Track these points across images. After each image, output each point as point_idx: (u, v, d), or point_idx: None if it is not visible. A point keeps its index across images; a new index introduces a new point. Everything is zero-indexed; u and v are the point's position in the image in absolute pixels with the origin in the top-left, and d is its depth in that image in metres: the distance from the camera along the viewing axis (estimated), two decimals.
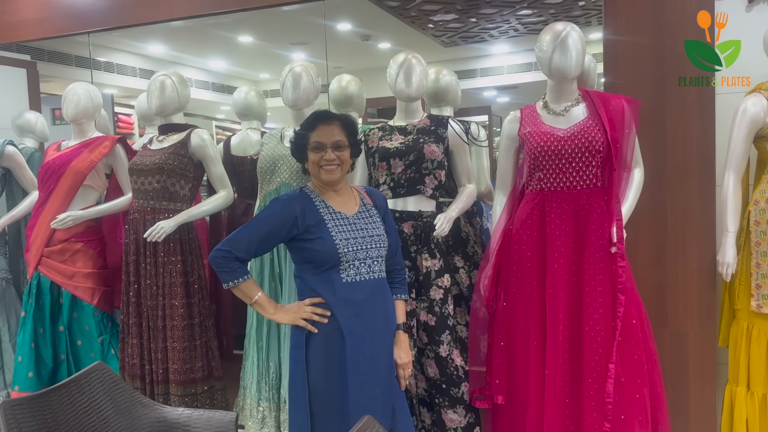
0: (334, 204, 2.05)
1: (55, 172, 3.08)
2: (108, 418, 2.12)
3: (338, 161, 2.00)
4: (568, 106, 2.34)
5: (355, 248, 2.00)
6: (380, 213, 2.11)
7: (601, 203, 2.26)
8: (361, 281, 2.01)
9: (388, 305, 2.09)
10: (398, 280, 2.16)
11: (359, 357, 1.98)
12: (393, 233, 2.14)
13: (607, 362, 2.19)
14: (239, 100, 3.62)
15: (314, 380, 1.99)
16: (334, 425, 1.98)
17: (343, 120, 2.05)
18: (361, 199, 2.11)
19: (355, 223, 2.03)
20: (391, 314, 2.10)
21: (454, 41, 5.05)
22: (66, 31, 3.83)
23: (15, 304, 3.42)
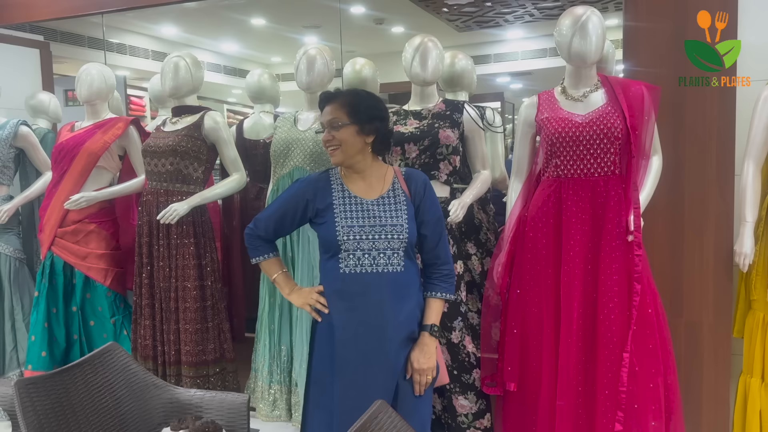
0: (355, 188, 1.93)
1: (68, 153, 3.08)
2: (121, 398, 2.13)
3: (336, 142, 1.87)
4: (586, 92, 2.31)
5: (359, 237, 1.88)
6: (415, 200, 1.92)
7: (619, 191, 2.23)
8: (360, 273, 1.88)
9: (391, 302, 1.89)
10: (437, 276, 1.94)
11: (349, 353, 1.88)
12: (432, 223, 1.93)
13: (621, 351, 2.17)
14: (252, 83, 3.61)
15: (315, 368, 1.97)
16: (324, 417, 1.93)
17: (343, 96, 1.91)
18: (394, 183, 1.94)
19: (371, 209, 1.91)
20: (396, 313, 1.89)
21: (469, 26, 5.01)
22: (79, 11, 3.83)
23: (28, 284, 3.44)
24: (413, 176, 1.96)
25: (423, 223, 1.92)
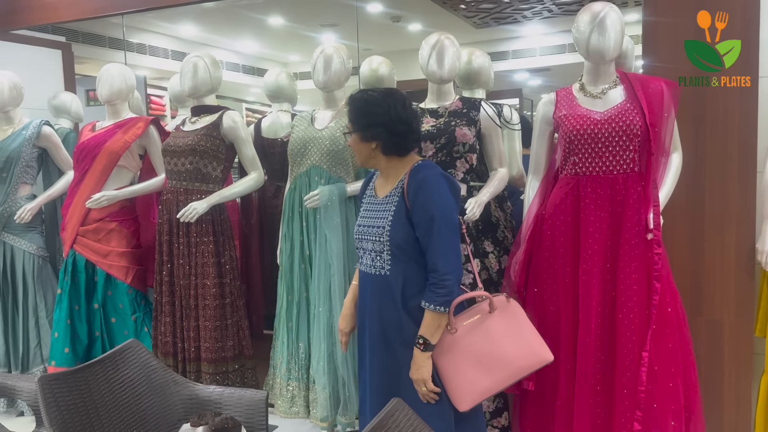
0: (377, 186, 2.00)
1: (90, 153, 3.12)
2: (141, 394, 2.16)
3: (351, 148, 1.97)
4: (605, 89, 2.29)
5: (360, 237, 1.96)
6: (409, 199, 1.85)
7: (638, 188, 2.21)
8: (364, 272, 1.96)
9: (371, 304, 1.92)
10: (428, 284, 1.84)
11: (359, 343, 2.02)
12: (421, 225, 1.82)
13: (640, 350, 2.16)
14: (270, 82, 3.62)
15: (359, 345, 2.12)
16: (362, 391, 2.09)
17: (349, 104, 1.95)
18: (401, 181, 1.90)
19: (374, 209, 1.94)
20: (372, 315, 1.91)
21: (486, 22, 4.98)
22: (100, 12, 3.87)
23: (51, 282, 3.49)
24: (414, 173, 1.88)
25: (415, 225, 1.84)
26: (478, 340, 1.88)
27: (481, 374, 1.85)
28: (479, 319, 1.90)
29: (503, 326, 1.91)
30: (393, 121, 1.88)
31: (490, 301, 1.91)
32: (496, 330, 1.90)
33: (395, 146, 1.92)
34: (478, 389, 1.86)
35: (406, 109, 1.90)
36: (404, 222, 1.85)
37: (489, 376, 1.86)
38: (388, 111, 1.88)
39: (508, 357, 1.88)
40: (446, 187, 1.86)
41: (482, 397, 1.87)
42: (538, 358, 1.92)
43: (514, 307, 1.96)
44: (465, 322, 1.90)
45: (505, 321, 1.92)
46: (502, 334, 1.90)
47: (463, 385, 1.85)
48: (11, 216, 3.38)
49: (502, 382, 1.89)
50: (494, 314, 1.92)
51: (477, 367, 1.86)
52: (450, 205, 1.84)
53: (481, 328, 1.89)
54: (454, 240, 1.83)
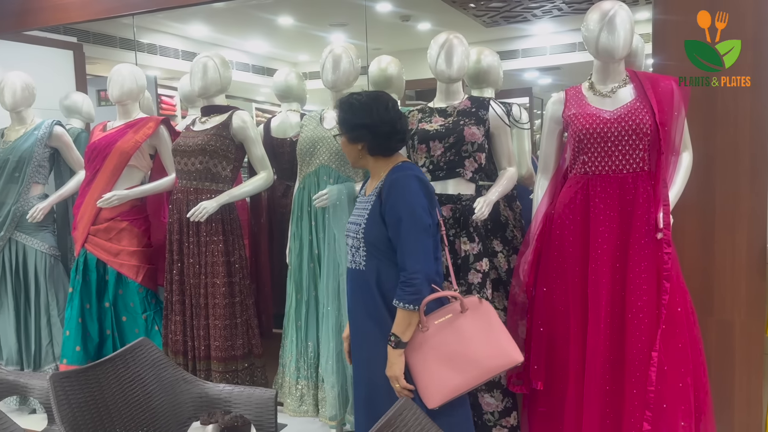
0: (367, 184, 2.11)
1: (101, 152, 3.14)
2: (152, 392, 2.18)
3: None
4: (615, 88, 2.28)
5: (346, 233, 2.06)
6: (382, 198, 1.91)
7: (648, 188, 2.20)
8: (347, 268, 2.06)
9: (351, 298, 2.02)
10: (399, 282, 1.87)
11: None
12: (391, 225, 1.87)
13: (650, 350, 2.15)
14: (279, 82, 3.63)
15: None
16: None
17: (338, 108, 2.04)
18: (382, 180, 1.96)
19: (359, 206, 2.04)
20: (352, 308, 2.01)
21: (496, 21, 4.97)
22: (111, 13, 3.89)
23: (63, 281, 3.52)
24: (390, 174, 1.94)
25: (387, 225, 1.90)
26: (449, 338, 1.90)
27: (451, 372, 1.87)
28: (451, 318, 1.92)
29: (474, 326, 1.92)
30: (376, 123, 1.94)
31: (461, 302, 1.93)
32: (467, 329, 1.91)
33: (379, 147, 1.98)
34: (447, 387, 1.87)
35: (389, 111, 1.97)
36: (378, 220, 1.91)
37: (459, 375, 1.88)
38: (371, 114, 1.95)
39: (478, 356, 1.90)
40: (417, 187, 1.89)
41: (451, 395, 1.88)
42: (508, 359, 1.93)
43: (486, 308, 1.97)
44: (436, 321, 1.91)
45: (477, 321, 1.93)
46: (473, 334, 1.91)
47: (433, 383, 1.87)
48: (23, 215, 3.41)
49: (472, 381, 1.90)
50: (466, 314, 1.93)
51: (447, 365, 1.88)
52: (419, 206, 1.87)
53: (452, 327, 1.91)
54: (423, 240, 1.86)
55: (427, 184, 1.94)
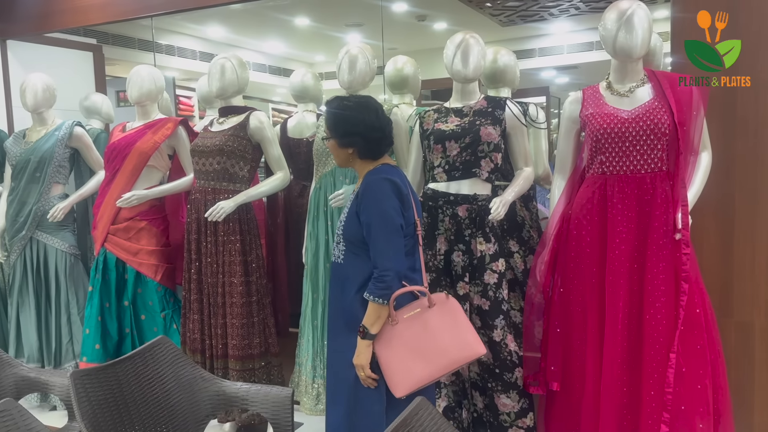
0: (356, 185, 2.15)
1: (120, 153, 3.17)
2: (170, 390, 2.20)
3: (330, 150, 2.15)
4: (632, 87, 2.27)
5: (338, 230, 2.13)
6: (359, 199, 2.02)
7: (666, 188, 2.18)
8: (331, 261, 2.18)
9: (332, 289, 2.14)
10: (372, 277, 1.97)
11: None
12: (365, 225, 1.98)
13: (668, 351, 2.13)
14: (296, 82, 3.65)
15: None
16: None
17: (327, 113, 2.11)
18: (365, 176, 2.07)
19: (347, 205, 2.12)
20: (333, 299, 2.14)
21: (513, 20, 4.96)
22: (130, 15, 3.94)
23: (83, 279, 3.56)
24: (367, 176, 2.04)
25: (362, 225, 1.99)
26: (417, 332, 1.99)
27: (418, 363, 1.95)
28: (419, 313, 2.01)
29: (441, 320, 2.01)
30: (367, 130, 2.03)
31: (429, 297, 2.02)
32: (433, 323, 2.00)
33: (370, 152, 2.07)
34: (413, 378, 1.95)
35: (379, 117, 2.06)
36: (355, 219, 2.02)
37: (425, 366, 1.96)
38: (363, 120, 2.03)
39: (443, 349, 1.98)
40: (389, 189, 1.98)
41: (417, 385, 1.95)
42: (472, 351, 2.00)
43: (452, 304, 2.05)
44: (405, 315, 2.00)
45: (443, 316, 2.01)
46: (440, 327, 2.00)
47: (400, 373, 1.95)
48: (44, 215, 3.45)
49: (437, 372, 1.98)
50: (433, 309, 2.02)
51: (414, 356, 1.96)
52: (390, 207, 1.96)
53: (419, 321, 2.00)
54: (394, 239, 1.96)
55: (400, 186, 2.01)
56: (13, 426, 1.67)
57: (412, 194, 2.07)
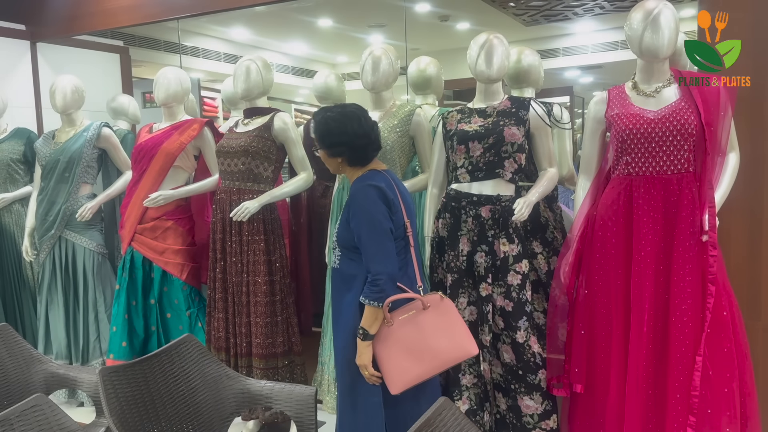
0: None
1: (147, 153, 3.22)
2: (195, 387, 2.23)
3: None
4: (659, 87, 2.24)
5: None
6: (348, 207, 2.11)
7: (693, 189, 2.16)
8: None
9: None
10: (366, 281, 2.05)
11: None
12: (355, 231, 2.06)
13: (694, 354, 2.11)
14: (319, 84, 3.67)
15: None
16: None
17: (314, 125, 2.16)
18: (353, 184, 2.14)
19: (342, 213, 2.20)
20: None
21: (536, 20, 4.93)
22: (157, 17, 3.99)
23: (110, 278, 3.60)
24: (353, 185, 2.12)
25: (353, 231, 2.07)
26: (411, 332, 2.07)
27: (412, 363, 2.05)
28: (413, 315, 2.09)
29: (435, 322, 2.09)
30: (352, 139, 2.09)
31: (423, 300, 2.11)
32: (427, 324, 2.08)
33: (358, 159, 2.14)
34: (409, 376, 2.04)
35: (362, 125, 2.11)
36: (346, 226, 2.10)
37: (419, 365, 2.05)
38: (347, 130, 2.09)
39: (436, 349, 2.07)
40: (375, 196, 2.05)
41: (413, 382, 2.05)
42: (464, 351, 2.10)
43: (447, 305, 2.13)
44: (401, 317, 2.09)
45: (437, 317, 2.10)
46: (434, 328, 2.08)
47: (396, 371, 2.04)
48: (73, 214, 3.50)
49: (431, 371, 2.07)
50: (428, 311, 2.10)
51: (409, 356, 2.05)
52: (378, 213, 2.03)
53: (414, 323, 2.08)
54: (384, 243, 2.03)
55: (385, 191, 2.07)
56: (44, 421, 1.71)
57: (401, 197, 2.13)
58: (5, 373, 2.44)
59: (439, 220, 2.60)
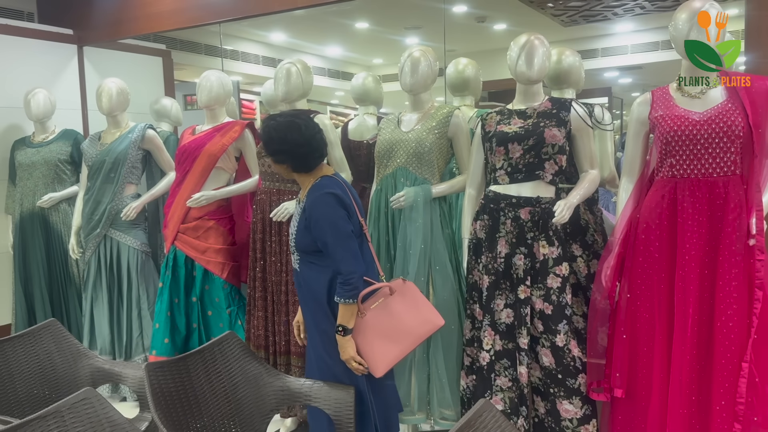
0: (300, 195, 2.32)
1: (190, 155, 3.27)
2: (236, 384, 2.27)
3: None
4: (704, 88, 2.20)
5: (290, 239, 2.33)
6: (307, 215, 2.18)
7: (740, 192, 2.12)
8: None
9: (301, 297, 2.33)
10: (338, 282, 2.16)
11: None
12: (318, 238, 2.16)
13: (740, 360, 2.06)
14: (357, 86, 3.69)
15: None
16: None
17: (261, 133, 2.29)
18: (308, 194, 2.22)
19: (294, 216, 2.31)
20: (302, 302, 2.33)
21: (575, 20, 4.88)
22: (199, 21, 4.07)
23: (153, 276, 3.68)
24: (310, 193, 2.21)
25: (315, 238, 2.18)
26: (384, 318, 2.24)
27: (390, 345, 2.22)
28: (383, 302, 2.25)
29: (402, 304, 2.27)
30: (292, 147, 2.19)
31: (389, 286, 2.27)
32: (396, 308, 2.25)
33: (300, 166, 2.24)
34: (389, 357, 2.22)
35: (303, 133, 2.19)
36: (305, 233, 2.21)
37: (396, 346, 2.23)
38: (286, 139, 2.18)
39: (408, 328, 2.26)
40: (334, 202, 2.16)
41: (393, 362, 2.23)
42: (432, 325, 2.30)
43: (410, 286, 2.31)
44: (372, 306, 2.23)
45: (403, 299, 2.28)
46: (402, 310, 2.26)
47: (377, 356, 2.20)
48: (118, 213, 3.59)
49: (407, 348, 2.26)
50: (395, 296, 2.27)
51: (386, 339, 2.22)
52: (339, 218, 2.15)
53: (384, 309, 2.25)
54: (349, 245, 2.16)
55: (342, 197, 2.18)
56: (93, 414, 1.76)
57: (353, 197, 2.26)
58: (54, 367, 2.51)
59: (477, 221, 2.59)
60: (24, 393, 2.42)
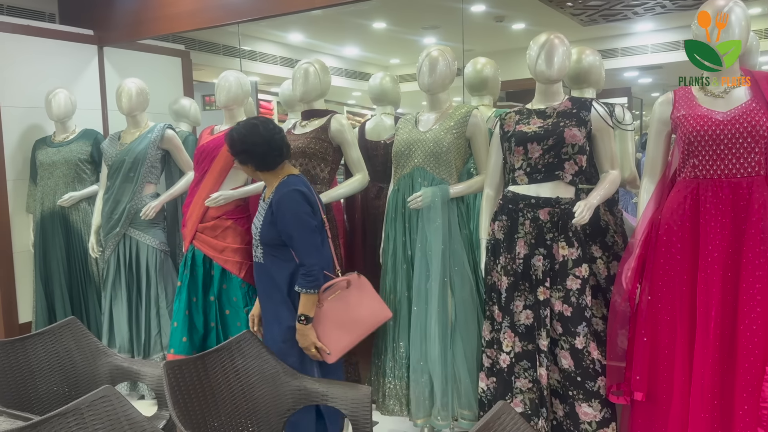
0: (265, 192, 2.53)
1: (209, 155, 3.28)
2: (254, 383, 2.27)
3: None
4: (728, 88, 2.17)
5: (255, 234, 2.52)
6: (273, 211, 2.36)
7: (764, 193, 2.08)
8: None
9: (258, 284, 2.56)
10: (300, 273, 2.38)
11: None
12: (283, 232, 2.36)
13: (763, 364, 2.03)
14: (374, 86, 3.69)
15: None
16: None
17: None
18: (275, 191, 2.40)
19: (259, 211, 2.51)
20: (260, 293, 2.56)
21: (594, 19, 4.84)
22: (217, 22, 4.09)
23: (171, 275, 3.71)
24: (277, 191, 2.40)
25: (280, 233, 2.38)
26: (339, 309, 2.46)
27: (343, 333, 2.48)
28: (339, 294, 2.48)
29: (356, 297, 2.51)
30: (252, 147, 2.38)
31: (347, 281, 2.50)
32: (351, 300, 2.49)
33: (262, 164, 2.44)
34: (342, 344, 2.47)
35: (262, 134, 2.37)
36: (271, 227, 2.39)
37: (349, 335, 2.49)
38: (245, 141, 2.38)
39: (360, 319, 2.51)
40: (300, 199, 2.36)
41: (345, 350, 2.49)
42: (381, 316, 2.62)
43: (363, 281, 2.56)
44: (329, 298, 2.45)
45: (358, 292, 2.52)
46: (356, 302, 2.50)
47: (332, 343, 2.44)
48: (137, 213, 3.62)
49: (358, 337, 2.53)
50: (351, 288, 2.51)
51: (339, 329, 2.46)
52: (304, 213, 2.36)
53: (340, 300, 2.47)
54: (313, 239, 2.38)
55: (307, 194, 2.39)
56: (112, 411, 1.76)
57: (316, 196, 2.48)
58: (74, 364, 2.53)
59: (496, 222, 2.58)
60: (44, 390, 2.44)
